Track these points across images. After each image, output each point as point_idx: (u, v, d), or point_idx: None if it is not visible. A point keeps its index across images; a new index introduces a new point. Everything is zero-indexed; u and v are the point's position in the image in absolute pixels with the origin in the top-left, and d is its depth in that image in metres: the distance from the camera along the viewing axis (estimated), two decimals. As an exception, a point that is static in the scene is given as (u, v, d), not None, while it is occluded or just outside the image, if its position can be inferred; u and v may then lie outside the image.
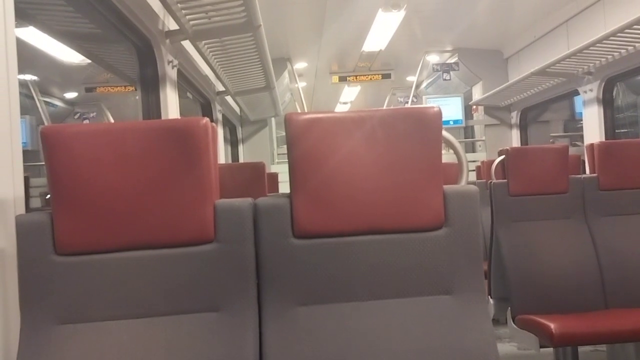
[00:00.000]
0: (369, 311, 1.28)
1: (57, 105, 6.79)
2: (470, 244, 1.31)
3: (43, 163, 1.26)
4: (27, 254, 1.21)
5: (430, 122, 1.32)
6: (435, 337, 1.26)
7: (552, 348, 3.03)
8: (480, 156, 5.87)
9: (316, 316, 1.27)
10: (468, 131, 7.40)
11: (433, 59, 6.50)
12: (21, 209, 1.28)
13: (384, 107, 6.44)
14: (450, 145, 1.46)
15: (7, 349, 1.20)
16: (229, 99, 4.87)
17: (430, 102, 6.30)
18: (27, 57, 4.63)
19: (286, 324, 1.26)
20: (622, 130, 5.51)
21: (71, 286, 1.22)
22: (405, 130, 1.31)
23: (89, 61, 4.79)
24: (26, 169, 1.37)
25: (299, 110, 7.37)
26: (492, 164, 3.18)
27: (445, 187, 1.34)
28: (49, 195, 1.24)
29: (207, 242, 1.26)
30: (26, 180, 1.49)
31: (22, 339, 1.19)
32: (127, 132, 1.24)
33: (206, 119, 1.27)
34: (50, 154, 1.21)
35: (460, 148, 1.49)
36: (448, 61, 6.42)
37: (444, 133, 1.36)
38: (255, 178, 2.63)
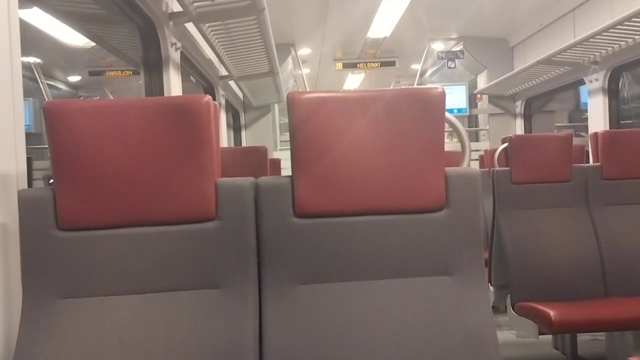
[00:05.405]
0: (369, 290, 1.28)
1: (60, 89, 6.79)
2: (470, 226, 1.31)
3: (46, 146, 1.26)
4: (29, 228, 1.21)
5: (434, 103, 1.32)
6: (434, 316, 1.26)
7: (551, 335, 3.07)
8: (484, 145, 5.84)
9: (316, 295, 1.28)
10: (472, 120, 7.36)
11: (438, 46, 6.45)
12: (23, 185, 1.28)
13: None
14: (452, 126, 1.46)
15: (9, 322, 1.21)
16: (232, 84, 4.86)
17: (435, 91, 6.24)
18: (31, 39, 4.61)
19: (286, 302, 1.27)
20: (627, 122, 5.47)
21: (73, 261, 1.23)
22: (408, 110, 1.31)
23: (93, 44, 4.77)
24: (29, 151, 1.37)
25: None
26: (495, 153, 3.17)
27: (447, 169, 1.33)
28: (52, 180, 1.24)
29: (209, 220, 1.26)
30: (29, 161, 1.49)
31: (23, 313, 1.20)
32: (130, 109, 1.24)
33: (208, 97, 1.26)
34: (53, 130, 1.22)
35: (463, 130, 1.48)
36: (453, 49, 6.38)
37: (447, 115, 1.36)
38: (257, 162, 2.63)
